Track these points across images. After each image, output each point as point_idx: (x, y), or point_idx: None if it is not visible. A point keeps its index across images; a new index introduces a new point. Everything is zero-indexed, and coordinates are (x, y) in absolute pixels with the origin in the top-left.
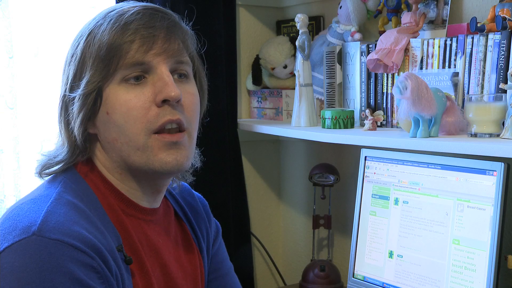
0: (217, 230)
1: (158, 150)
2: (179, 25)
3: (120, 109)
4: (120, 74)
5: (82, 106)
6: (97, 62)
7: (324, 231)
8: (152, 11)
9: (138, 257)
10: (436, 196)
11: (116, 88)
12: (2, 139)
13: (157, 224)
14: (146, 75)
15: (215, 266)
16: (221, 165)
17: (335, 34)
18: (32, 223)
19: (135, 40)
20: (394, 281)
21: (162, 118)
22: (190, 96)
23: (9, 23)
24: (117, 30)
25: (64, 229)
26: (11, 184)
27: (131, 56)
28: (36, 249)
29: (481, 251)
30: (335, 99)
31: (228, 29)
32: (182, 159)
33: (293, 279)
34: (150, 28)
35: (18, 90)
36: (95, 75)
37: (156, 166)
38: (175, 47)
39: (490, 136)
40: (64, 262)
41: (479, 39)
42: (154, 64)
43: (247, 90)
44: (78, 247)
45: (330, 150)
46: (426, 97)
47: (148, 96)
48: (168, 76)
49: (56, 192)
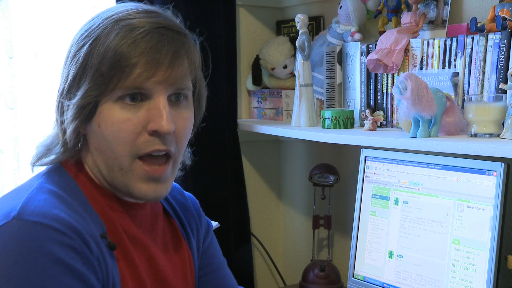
0: (208, 227)
1: (139, 179)
2: (188, 47)
3: (111, 127)
4: (118, 93)
5: (76, 115)
6: (97, 75)
7: (324, 231)
8: (163, 30)
9: (123, 246)
10: (436, 196)
11: (112, 105)
12: (2, 139)
13: (143, 219)
14: (144, 99)
15: (206, 261)
16: (221, 165)
17: (335, 34)
18: (12, 209)
19: (139, 64)
20: (394, 281)
21: (150, 146)
22: (183, 122)
23: (9, 23)
24: (123, 48)
25: (43, 212)
26: (11, 184)
27: (131, 80)
28: (16, 232)
29: (481, 251)
30: (335, 99)
31: (228, 29)
32: (162, 191)
33: (293, 279)
34: (156, 53)
35: (18, 90)
36: (93, 88)
37: (134, 193)
38: (178, 75)
39: (490, 136)
40: (44, 243)
41: (479, 39)
42: (153, 92)
43: (247, 90)
44: (58, 228)
45: (330, 150)
46: (426, 97)
47: (141, 121)
48: (164, 107)
49: (38, 182)
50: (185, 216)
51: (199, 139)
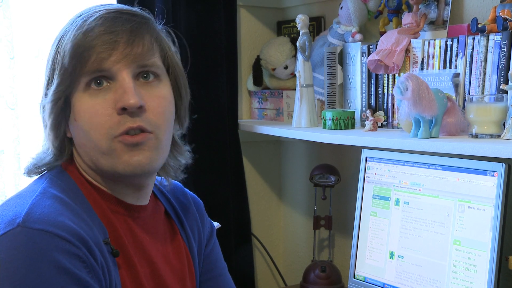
0: (211, 231)
1: (121, 152)
2: (147, 26)
3: (84, 116)
4: (83, 81)
5: (50, 113)
6: (62, 70)
7: (324, 232)
8: (116, 14)
9: (124, 251)
10: (437, 197)
11: (81, 96)
12: (3, 139)
13: (145, 222)
14: (110, 81)
15: (208, 267)
16: (221, 165)
17: (335, 34)
18: (17, 216)
19: (95, 47)
20: (395, 282)
21: (122, 125)
22: (156, 99)
23: (10, 24)
24: (79, 37)
25: (48, 219)
26: (12, 184)
27: (91, 63)
28: (21, 240)
29: (482, 252)
30: (335, 99)
31: (229, 29)
32: (145, 160)
33: (294, 280)
34: (110, 34)
35: (19, 90)
36: (61, 84)
37: (120, 169)
38: (138, 51)
39: (491, 136)
40: (49, 252)
41: (479, 39)
42: (114, 71)
43: (247, 91)
44: (63, 236)
45: (331, 151)
46: (427, 97)
47: (110, 103)
48: (128, 83)
49: (42, 187)
50: (187, 218)
51: (199, 139)
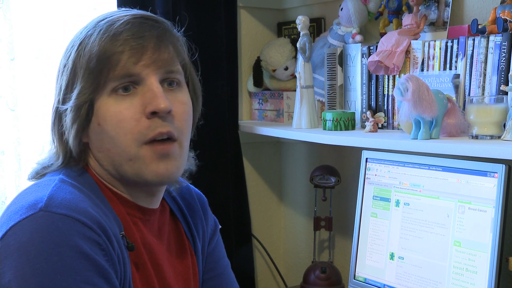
0: (215, 228)
1: (150, 160)
2: (170, 33)
3: (110, 120)
4: (110, 85)
5: (75, 118)
6: (87, 73)
7: (325, 233)
8: (142, 19)
9: (137, 249)
10: (437, 198)
11: (107, 100)
12: (3, 140)
13: (153, 224)
14: (136, 86)
15: (211, 265)
16: (222, 166)
17: (336, 35)
18: (39, 201)
19: (125, 51)
20: (395, 283)
21: (152, 130)
22: (181, 106)
23: (10, 25)
24: (106, 41)
25: (71, 205)
26: (12, 186)
27: (120, 68)
28: (43, 224)
29: (482, 253)
30: (336, 101)
31: (229, 31)
32: (173, 169)
33: (294, 281)
34: (139, 38)
35: (19, 91)
36: (86, 87)
37: (147, 177)
38: (165, 57)
39: (491, 138)
40: (71, 236)
41: (480, 41)
42: (143, 75)
43: (248, 92)
44: (85, 222)
45: (331, 152)
46: (427, 99)
47: (138, 107)
48: (157, 88)
49: (59, 177)
50: (192, 218)
51: (200, 140)
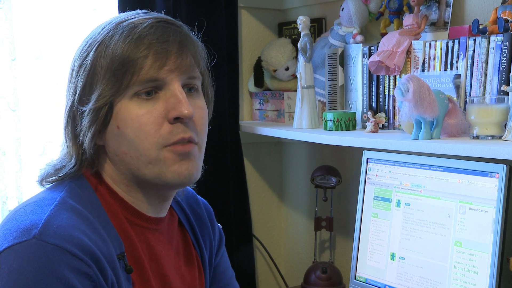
0: (221, 239)
1: (172, 161)
2: (191, 39)
3: (132, 124)
4: (133, 89)
5: (93, 120)
6: (108, 75)
7: (326, 233)
8: (165, 24)
9: (140, 265)
10: (438, 198)
11: (128, 103)
12: (4, 141)
13: (161, 234)
14: (158, 91)
15: (217, 277)
16: (223, 167)
17: (337, 36)
18: (34, 226)
19: (149, 56)
20: (396, 283)
21: (175, 135)
22: (200, 111)
23: (11, 25)
24: (130, 44)
25: (64, 234)
26: (13, 186)
27: (145, 72)
28: (35, 253)
29: (483, 253)
30: (337, 101)
31: (230, 31)
32: (194, 169)
33: (295, 281)
34: (163, 43)
35: (20, 92)
36: (107, 89)
37: (169, 178)
38: (187, 62)
39: (492, 138)
40: (60, 269)
41: (481, 41)
42: (167, 80)
43: (249, 92)
44: (76, 254)
45: (332, 152)
46: (428, 99)
47: (160, 112)
48: (181, 93)
49: (60, 196)
50: (200, 229)
51: None
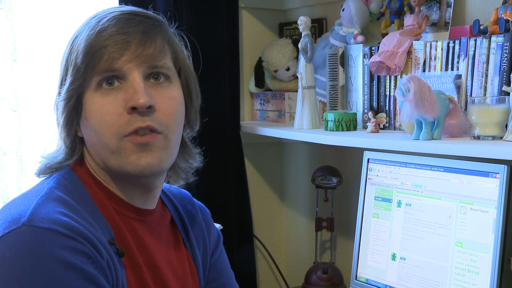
0: (218, 240)
1: (130, 152)
2: (159, 28)
3: (95, 115)
4: (94, 80)
5: (62, 112)
6: (75, 69)
7: (326, 234)
8: (130, 15)
9: (130, 252)
10: (439, 199)
11: (93, 95)
12: (5, 141)
13: (149, 226)
14: (121, 81)
15: (214, 275)
16: (223, 167)
17: (337, 36)
18: (22, 215)
19: (108, 46)
20: (397, 284)
21: (132, 125)
22: (167, 100)
23: (12, 25)
24: (92, 37)
25: (53, 218)
26: (14, 186)
27: (103, 62)
28: (26, 238)
29: (484, 254)
30: (337, 101)
31: (231, 31)
32: (154, 161)
33: (296, 282)
34: (123, 34)
35: (21, 92)
36: (73, 83)
37: (128, 169)
38: (150, 52)
39: (493, 138)
40: (55, 249)
41: (482, 41)
42: (125, 70)
43: (249, 93)
44: (68, 234)
45: (333, 153)
46: (429, 99)
47: (120, 102)
48: (138, 83)
49: (48, 187)
50: (192, 228)
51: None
